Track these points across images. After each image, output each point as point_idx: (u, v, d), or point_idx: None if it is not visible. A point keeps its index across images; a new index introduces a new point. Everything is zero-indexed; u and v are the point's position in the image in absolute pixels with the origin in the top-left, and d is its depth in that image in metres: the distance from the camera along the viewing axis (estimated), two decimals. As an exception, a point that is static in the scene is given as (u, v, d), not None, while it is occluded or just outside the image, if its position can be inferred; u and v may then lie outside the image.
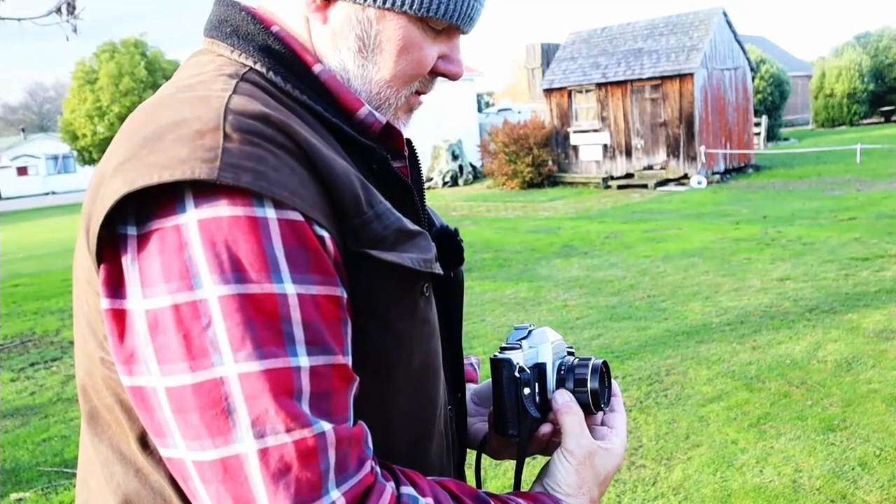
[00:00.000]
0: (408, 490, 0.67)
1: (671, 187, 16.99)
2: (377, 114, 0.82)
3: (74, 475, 3.94)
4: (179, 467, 0.63)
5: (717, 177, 17.20)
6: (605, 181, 18.14)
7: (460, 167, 21.98)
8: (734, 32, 18.20)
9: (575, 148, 19.06)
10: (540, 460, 0.92)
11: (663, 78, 17.28)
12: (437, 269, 0.78)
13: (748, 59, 19.01)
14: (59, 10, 5.89)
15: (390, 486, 0.66)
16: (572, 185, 18.74)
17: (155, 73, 29.84)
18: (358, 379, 0.68)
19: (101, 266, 0.65)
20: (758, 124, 22.14)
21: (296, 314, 0.62)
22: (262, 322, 0.60)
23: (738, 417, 4.00)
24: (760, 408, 4.10)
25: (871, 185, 13.85)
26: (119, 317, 0.64)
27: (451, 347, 0.93)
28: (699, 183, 16.65)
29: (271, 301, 0.61)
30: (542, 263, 8.80)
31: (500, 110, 28.21)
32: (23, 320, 7.91)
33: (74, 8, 5.93)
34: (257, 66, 0.76)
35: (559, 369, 0.89)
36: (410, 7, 0.77)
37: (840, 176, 15.70)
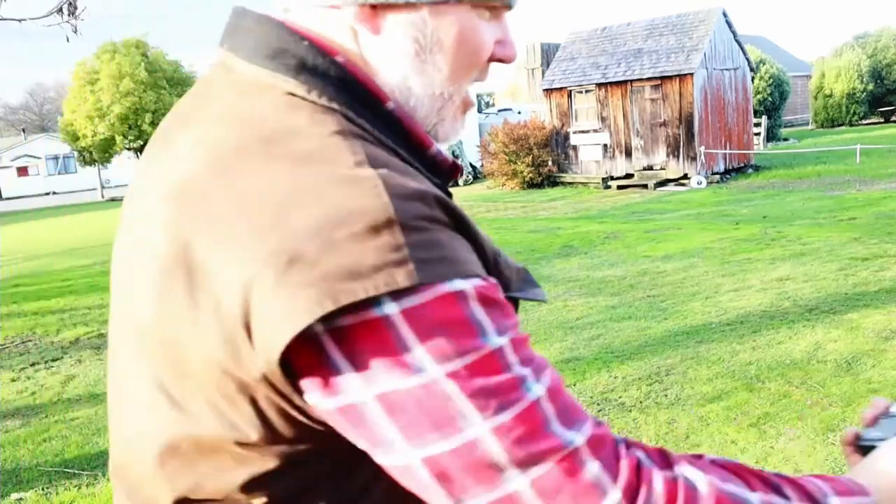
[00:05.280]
0: (682, 470, 0.65)
1: (671, 187, 17.00)
2: (444, 150, 0.81)
3: (74, 475, 3.94)
4: None
5: (717, 177, 17.21)
6: (605, 181, 18.15)
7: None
8: (734, 32, 18.21)
9: (575, 148, 19.08)
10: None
11: (663, 78, 17.30)
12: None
13: (748, 59, 19.01)
14: (59, 11, 5.90)
15: (657, 473, 0.65)
16: (572, 186, 18.75)
17: (156, 74, 29.73)
18: None
19: (280, 365, 0.61)
20: (758, 124, 22.15)
21: (514, 359, 0.64)
22: (492, 380, 0.62)
23: (738, 417, 4.01)
24: (760, 408, 4.10)
25: (871, 185, 13.85)
26: (348, 411, 0.63)
27: None
28: (699, 183, 16.66)
29: (493, 360, 0.63)
30: (542, 263, 8.80)
31: (500, 110, 28.17)
32: (23, 320, 7.90)
33: (75, 8, 5.94)
34: (343, 110, 0.71)
35: None
36: None
37: (840, 176, 15.70)
